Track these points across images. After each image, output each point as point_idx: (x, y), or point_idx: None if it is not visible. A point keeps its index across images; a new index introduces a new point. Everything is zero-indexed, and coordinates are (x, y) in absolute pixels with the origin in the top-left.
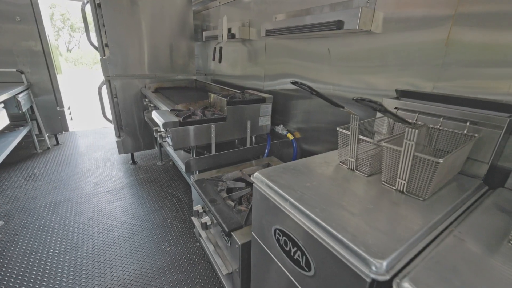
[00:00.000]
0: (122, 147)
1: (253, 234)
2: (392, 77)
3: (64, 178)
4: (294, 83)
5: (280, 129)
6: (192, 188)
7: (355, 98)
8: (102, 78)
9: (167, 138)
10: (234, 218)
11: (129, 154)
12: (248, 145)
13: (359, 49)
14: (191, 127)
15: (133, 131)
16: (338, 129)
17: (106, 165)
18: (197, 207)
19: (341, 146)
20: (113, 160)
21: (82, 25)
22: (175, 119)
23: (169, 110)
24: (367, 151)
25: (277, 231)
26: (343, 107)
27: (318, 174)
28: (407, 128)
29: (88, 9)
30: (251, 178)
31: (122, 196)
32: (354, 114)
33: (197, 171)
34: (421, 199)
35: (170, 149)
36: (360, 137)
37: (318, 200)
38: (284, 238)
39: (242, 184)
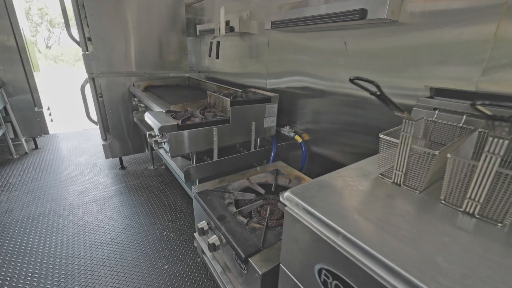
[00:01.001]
0: (109, 151)
1: (283, 267)
2: (422, 76)
3: (45, 187)
4: (356, 79)
5: (286, 130)
6: (194, 201)
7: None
8: (85, 76)
9: (163, 144)
10: (250, 240)
11: (117, 159)
12: (252, 149)
13: (383, 42)
14: (191, 131)
15: (121, 134)
16: (381, 136)
17: (92, 171)
18: (202, 224)
19: (383, 156)
20: (99, 165)
21: (62, 20)
22: (173, 122)
23: (164, 111)
24: (421, 163)
25: (324, 271)
26: (403, 111)
27: (364, 193)
28: (490, 138)
29: None
30: (281, 198)
31: (111, 206)
32: (410, 119)
33: (197, 180)
34: (499, 225)
35: (166, 155)
36: (415, 147)
37: (381, 233)
38: (336, 282)
39: (251, 195)
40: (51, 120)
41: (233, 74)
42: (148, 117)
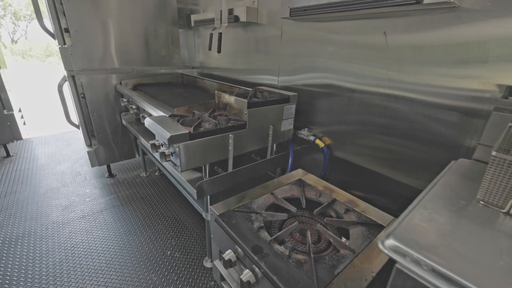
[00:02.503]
0: (95, 159)
1: None
2: (489, 74)
3: (21, 202)
4: None
5: (304, 134)
6: (213, 224)
7: None
8: (58, 72)
9: (171, 156)
10: (300, 280)
11: (105, 166)
12: (268, 156)
13: (438, 33)
14: (205, 140)
15: (108, 139)
16: (494, 153)
17: (76, 181)
18: (228, 255)
19: (493, 180)
20: (84, 174)
21: (28, 12)
22: (184, 130)
23: (167, 116)
24: None
25: None
26: None
27: (482, 232)
28: None
29: None
30: (381, 247)
31: (103, 222)
32: None
33: (208, 196)
34: None
35: (170, 167)
36: None
37: None
38: None
39: (283, 216)
40: (24, 124)
41: (236, 70)
42: (151, 124)
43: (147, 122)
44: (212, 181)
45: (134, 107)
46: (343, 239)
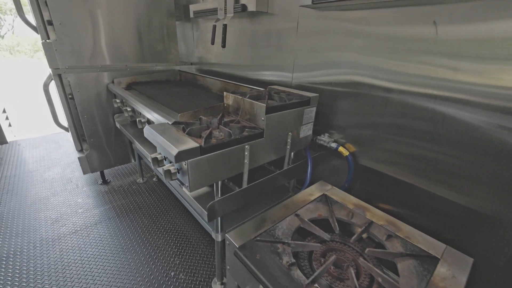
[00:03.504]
0: (87, 165)
1: None
2: None
3: (6, 215)
4: None
5: (324, 140)
6: (231, 257)
7: None
8: (47, 68)
9: (178, 173)
10: None
11: (98, 172)
12: (285, 166)
13: (505, 22)
14: (218, 154)
15: (101, 143)
16: None
17: (67, 189)
18: None
19: None
20: (75, 181)
21: (13, 6)
22: (193, 143)
23: (169, 123)
24: None
25: None
26: None
27: None
28: None
29: None
30: None
31: (98, 238)
32: None
33: (219, 218)
34: None
35: (181, 186)
36: None
37: None
38: None
39: (315, 246)
40: (9, 125)
41: (241, 67)
42: (152, 135)
43: (147, 132)
44: (225, 200)
45: (129, 109)
46: (391, 275)
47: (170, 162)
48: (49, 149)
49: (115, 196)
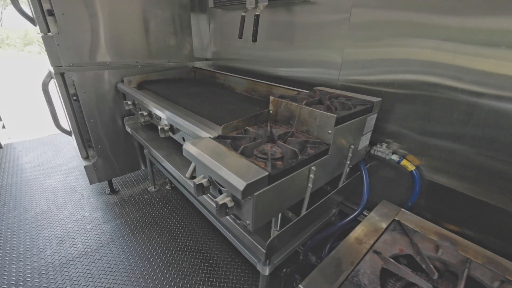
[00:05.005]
0: (94, 175)
1: None
2: None
3: (4, 234)
4: None
5: (382, 151)
6: None
7: None
8: (39, 62)
9: (234, 208)
10: None
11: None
12: (340, 184)
13: None
14: (285, 180)
15: (110, 149)
16: None
17: (71, 201)
18: None
19: None
20: (80, 190)
21: None
22: (260, 171)
23: (211, 137)
24: None
25: None
26: None
27: None
28: None
29: None
30: None
31: (112, 261)
32: None
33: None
34: None
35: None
36: None
37: None
38: None
39: None
40: (3, 127)
41: (271, 63)
42: (198, 156)
43: (189, 150)
44: (284, 232)
45: (145, 113)
46: None
47: (226, 193)
48: (48, 152)
49: (126, 208)
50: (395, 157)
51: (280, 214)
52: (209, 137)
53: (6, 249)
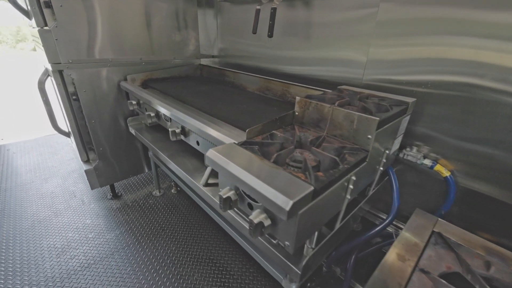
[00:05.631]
0: (96, 179)
1: None
2: None
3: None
4: None
5: (413, 155)
6: None
7: None
8: (32, 59)
9: (270, 227)
10: None
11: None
12: (370, 192)
13: None
14: (328, 193)
15: (112, 152)
16: None
17: (71, 207)
18: None
19: None
20: (80, 195)
21: None
22: (304, 186)
23: (236, 143)
24: None
25: None
26: None
27: None
28: None
29: None
30: None
31: (117, 274)
32: None
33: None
34: None
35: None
36: None
37: None
38: None
39: None
40: None
41: (287, 60)
42: (228, 168)
43: (214, 159)
44: (320, 249)
45: (152, 114)
46: None
47: (259, 209)
48: (44, 154)
49: (130, 215)
50: (427, 162)
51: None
52: (234, 143)
53: (0, 262)
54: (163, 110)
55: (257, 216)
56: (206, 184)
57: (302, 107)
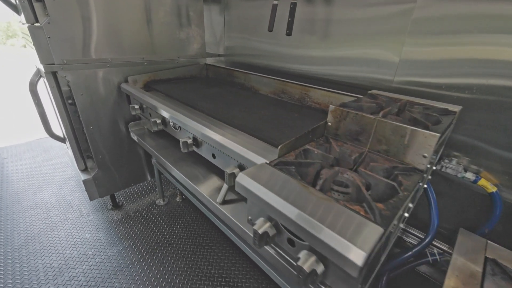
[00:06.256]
0: (95, 189)
1: None
2: None
3: None
4: None
5: (453, 167)
6: None
7: None
8: (23, 56)
9: (323, 275)
10: None
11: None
12: (409, 212)
13: None
14: (389, 228)
15: (112, 160)
16: None
17: (68, 219)
18: None
19: None
20: (77, 205)
21: None
22: (372, 227)
23: (268, 163)
24: None
25: None
26: None
27: None
28: None
29: None
30: None
31: None
32: None
33: None
34: None
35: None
36: None
37: None
38: None
39: None
40: None
41: (304, 60)
42: (269, 201)
43: (248, 187)
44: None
45: (158, 121)
46: None
47: (304, 252)
48: (38, 159)
49: (133, 227)
50: (470, 176)
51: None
52: (266, 162)
53: None
54: (172, 118)
55: (306, 261)
56: (223, 202)
57: (337, 117)
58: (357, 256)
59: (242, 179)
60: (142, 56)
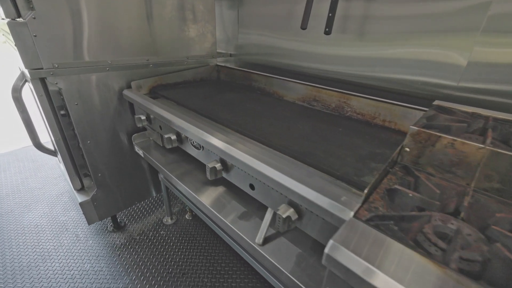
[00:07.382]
0: (94, 212)
1: None
2: None
3: None
4: None
5: None
6: None
7: None
8: (4, 55)
9: None
10: None
11: None
12: None
13: None
14: None
15: (113, 177)
16: None
17: (63, 245)
18: None
19: None
20: (73, 228)
21: None
22: None
23: (358, 218)
24: None
25: None
26: None
27: None
28: None
29: None
30: None
31: None
32: None
33: None
34: None
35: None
36: None
37: None
38: None
39: None
40: None
41: (338, 60)
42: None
43: (343, 262)
44: None
45: (173, 137)
46: None
47: None
48: (25, 172)
49: (140, 253)
50: None
51: None
52: (355, 217)
53: None
54: (193, 136)
55: None
56: (264, 241)
57: (421, 141)
58: None
59: (336, 253)
60: (147, 57)
